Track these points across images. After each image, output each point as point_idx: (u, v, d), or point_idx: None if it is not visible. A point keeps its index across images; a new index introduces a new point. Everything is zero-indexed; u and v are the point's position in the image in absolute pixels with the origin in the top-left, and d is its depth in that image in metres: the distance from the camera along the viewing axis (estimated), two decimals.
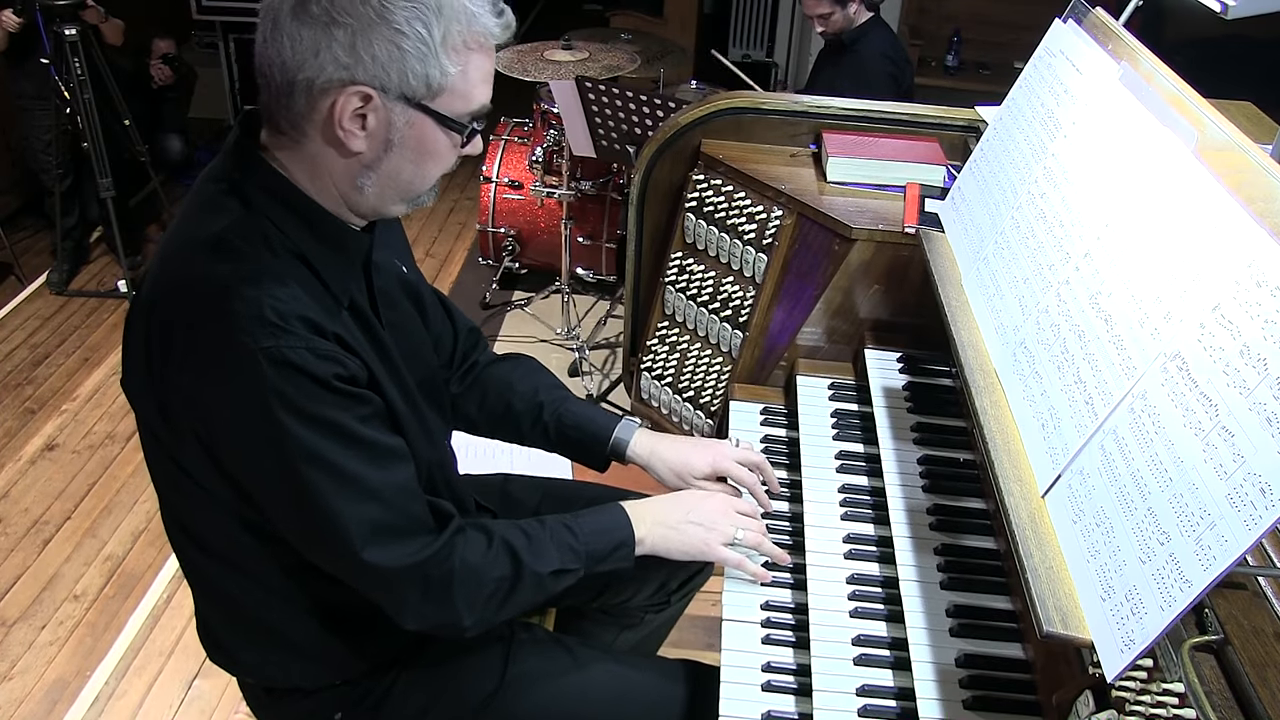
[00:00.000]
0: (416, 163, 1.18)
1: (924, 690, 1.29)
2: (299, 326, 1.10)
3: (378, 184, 1.18)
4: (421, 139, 1.16)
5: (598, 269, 4.22)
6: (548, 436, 1.61)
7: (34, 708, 2.51)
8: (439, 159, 1.19)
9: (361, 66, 1.08)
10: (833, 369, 1.94)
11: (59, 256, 4.43)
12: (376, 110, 1.11)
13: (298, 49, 1.08)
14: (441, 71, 1.11)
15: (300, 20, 1.07)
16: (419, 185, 1.21)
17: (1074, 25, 1.53)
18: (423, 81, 1.11)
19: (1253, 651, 1.01)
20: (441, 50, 1.10)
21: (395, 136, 1.14)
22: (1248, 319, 0.94)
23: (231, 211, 1.15)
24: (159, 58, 5.04)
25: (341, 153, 1.15)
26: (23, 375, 3.85)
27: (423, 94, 1.12)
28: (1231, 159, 1.11)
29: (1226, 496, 0.90)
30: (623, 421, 1.60)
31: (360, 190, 1.19)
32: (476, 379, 1.62)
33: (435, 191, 1.25)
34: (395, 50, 1.08)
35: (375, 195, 1.20)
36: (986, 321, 1.46)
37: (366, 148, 1.14)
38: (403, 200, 1.23)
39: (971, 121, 2.10)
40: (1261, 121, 1.90)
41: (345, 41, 1.07)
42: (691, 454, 1.59)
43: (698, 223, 2.09)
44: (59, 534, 3.08)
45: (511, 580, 1.30)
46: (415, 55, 1.09)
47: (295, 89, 1.11)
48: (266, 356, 1.08)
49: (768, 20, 6.52)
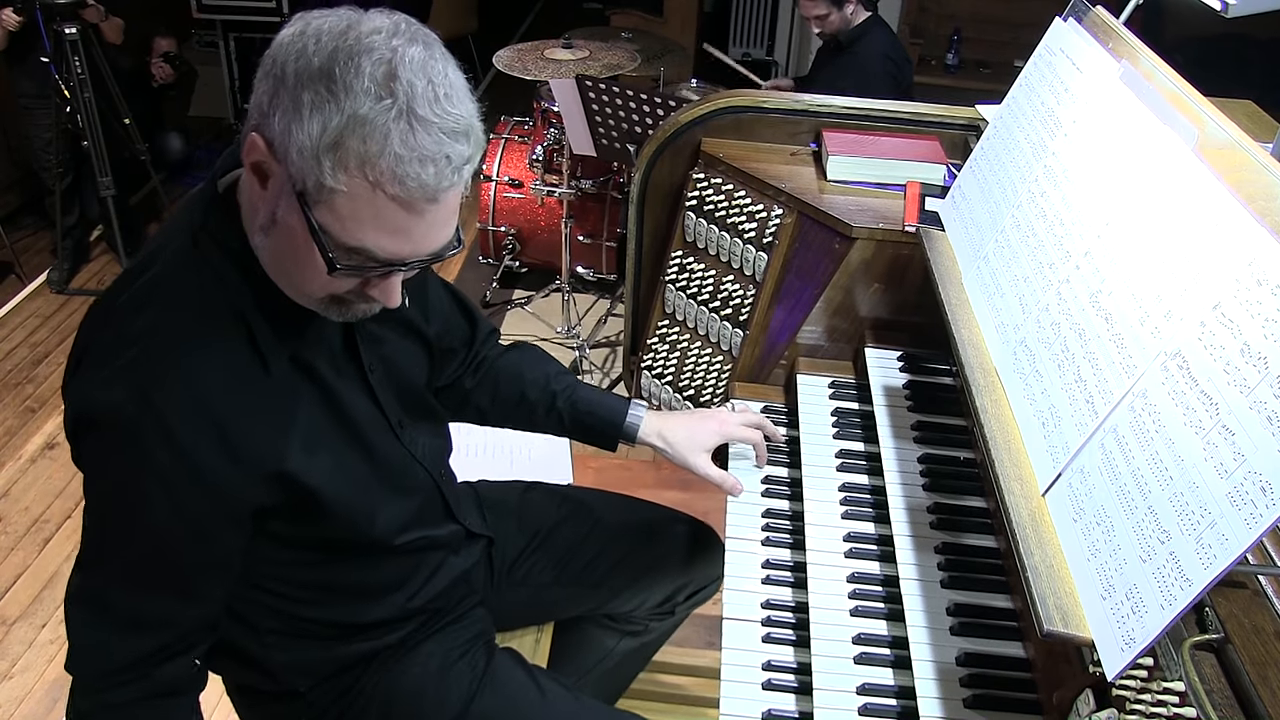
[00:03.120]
0: (291, 259, 1.06)
1: (924, 689, 1.29)
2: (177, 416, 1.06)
3: (268, 254, 1.09)
4: (292, 235, 1.03)
5: (598, 268, 4.22)
6: (562, 423, 1.62)
7: (34, 706, 2.51)
8: (308, 270, 1.05)
9: (269, 122, 0.99)
10: (833, 367, 1.94)
11: (59, 255, 4.43)
12: (273, 174, 1.02)
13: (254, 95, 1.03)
14: (319, 180, 0.97)
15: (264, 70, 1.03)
16: (300, 284, 1.09)
17: (1074, 24, 1.53)
18: (307, 178, 0.98)
19: (1253, 650, 1.01)
20: (326, 157, 0.96)
21: (279, 214, 1.03)
22: (1248, 317, 0.94)
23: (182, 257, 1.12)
24: (159, 56, 5.04)
25: (253, 199, 1.07)
26: (23, 374, 3.85)
27: (303, 189, 0.99)
28: (1232, 157, 1.11)
29: (1227, 495, 0.90)
30: (632, 405, 1.63)
31: (258, 249, 1.10)
32: (488, 372, 1.63)
33: (337, 313, 1.12)
34: (291, 128, 0.97)
35: (267, 263, 1.10)
36: (987, 320, 1.46)
37: (262, 209, 1.05)
38: (291, 291, 1.11)
39: (972, 120, 2.10)
40: (1262, 120, 1.90)
41: (269, 91, 0.99)
42: (697, 428, 1.62)
43: (698, 221, 2.09)
44: (59, 533, 3.08)
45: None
46: (298, 147, 0.97)
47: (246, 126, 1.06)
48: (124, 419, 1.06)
49: (768, 18, 6.52)
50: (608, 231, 4.12)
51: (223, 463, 1.10)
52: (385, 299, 1.10)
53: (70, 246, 4.48)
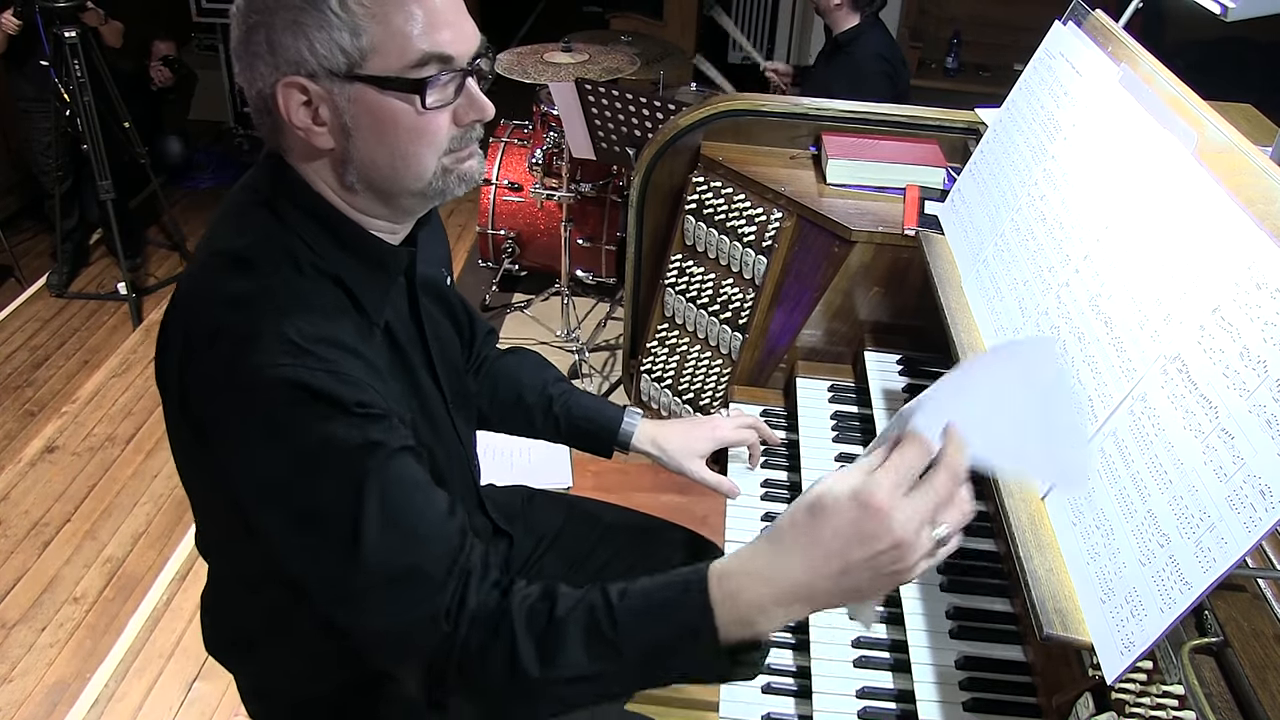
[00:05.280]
0: (384, 141, 1.08)
1: (924, 692, 1.29)
2: (323, 348, 1.03)
3: (362, 178, 1.11)
4: (374, 113, 1.06)
5: (597, 271, 4.22)
6: (558, 429, 1.62)
7: (34, 710, 2.51)
8: (407, 130, 1.08)
9: (281, 58, 1.04)
10: (832, 371, 1.94)
11: (59, 259, 4.43)
12: (321, 98, 1.05)
13: (243, 67, 1.07)
14: (353, 33, 1.03)
15: (241, 42, 1.07)
16: (407, 168, 1.10)
17: (1074, 27, 1.53)
18: (339, 51, 1.03)
19: (1253, 654, 1.01)
20: (341, 12, 1.02)
21: (348, 121, 1.07)
22: (1248, 321, 0.94)
23: (262, 226, 1.11)
24: (159, 60, 5.05)
25: (315, 154, 1.10)
26: (23, 377, 3.85)
27: (345, 64, 1.04)
28: (1231, 161, 1.11)
29: (1226, 498, 0.90)
30: (626, 412, 1.63)
31: (352, 189, 1.12)
32: (486, 374, 1.63)
33: (457, 176, 1.13)
34: (298, 28, 1.02)
35: (370, 191, 1.12)
36: (986, 324, 1.46)
37: (334, 142, 1.08)
38: (408, 191, 1.12)
39: (971, 124, 2.10)
40: (1261, 123, 1.90)
41: (264, 41, 1.04)
42: (691, 435, 1.62)
43: (697, 225, 2.09)
44: (59, 536, 3.08)
45: None
46: (316, 26, 1.02)
47: (257, 107, 1.09)
48: (283, 379, 1.00)
49: (767, 22, 6.53)
50: (607, 235, 4.12)
51: (380, 384, 1.07)
52: (481, 112, 1.11)
53: (70, 250, 4.48)
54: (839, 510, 0.89)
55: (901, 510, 0.87)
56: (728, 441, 1.67)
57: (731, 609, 0.94)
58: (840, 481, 0.89)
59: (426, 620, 1.01)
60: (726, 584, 0.95)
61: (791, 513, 0.93)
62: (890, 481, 0.88)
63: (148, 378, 3.84)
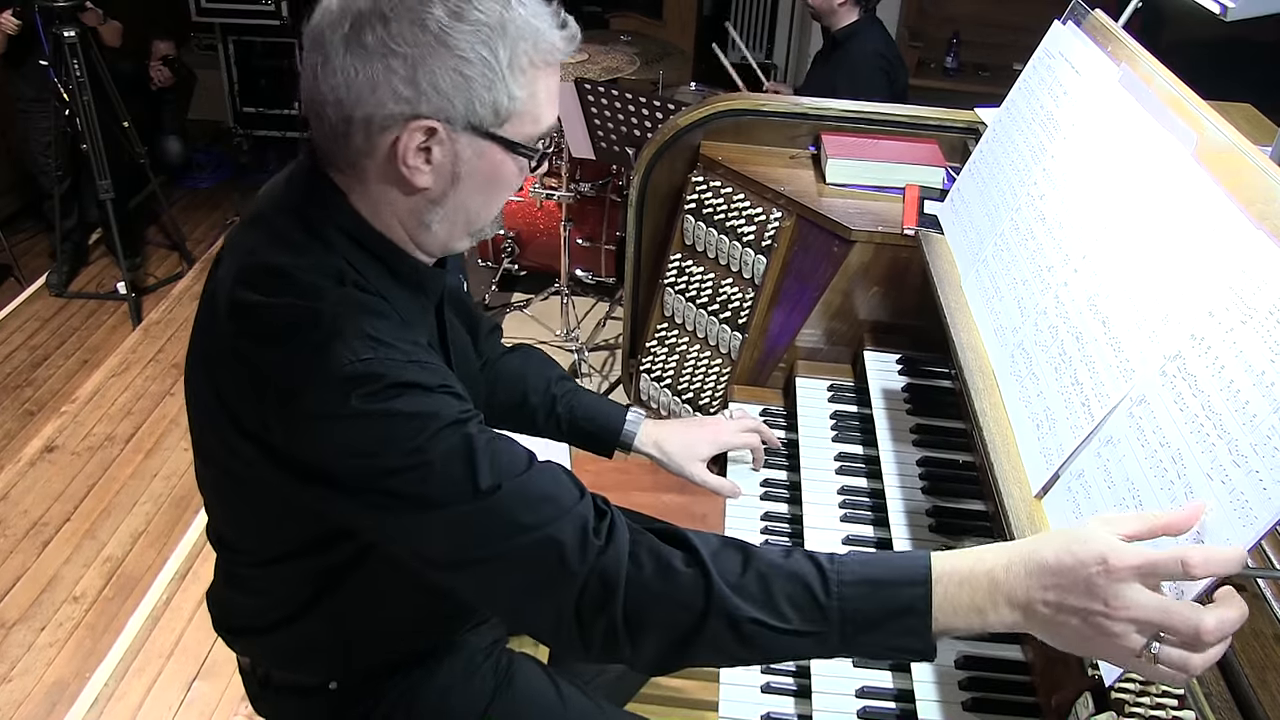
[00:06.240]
0: (485, 193, 1.12)
1: (923, 692, 1.29)
2: (403, 343, 1.06)
3: (445, 220, 1.12)
4: (491, 168, 1.09)
5: (597, 271, 4.22)
6: (560, 428, 1.63)
7: (33, 709, 2.51)
8: (507, 186, 1.13)
9: (425, 99, 1.01)
10: (832, 370, 1.94)
11: (58, 258, 4.43)
12: (442, 143, 1.05)
13: (353, 85, 1.01)
14: (510, 96, 1.04)
15: (354, 53, 1.01)
16: (486, 215, 1.15)
17: (1073, 27, 1.53)
18: (490, 109, 1.04)
19: (1252, 654, 1.01)
20: (509, 74, 1.03)
21: (463, 169, 1.08)
22: (1246, 321, 0.94)
23: (307, 248, 1.09)
24: (159, 59, 5.05)
25: (405, 190, 1.09)
26: (22, 377, 3.86)
27: (491, 121, 1.05)
28: (1230, 161, 1.11)
29: (1225, 498, 0.90)
30: (629, 413, 1.63)
31: (428, 228, 1.13)
32: (490, 372, 1.63)
33: (499, 222, 1.19)
34: (460, 78, 1.01)
35: (444, 231, 1.14)
36: (985, 323, 1.46)
37: (433, 183, 1.08)
38: (469, 234, 1.17)
39: (971, 123, 2.10)
40: (1260, 123, 1.90)
41: (405, 73, 1.00)
42: (693, 438, 1.62)
43: (697, 224, 2.09)
44: (58, 535, 3.08)
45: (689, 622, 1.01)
46: (482, 82, 1.02)
47: (353, 127, 1.04)
48: (370, 371, 1.01)
49: (767, 22, 6.52)
50: (607, 234, 4.12)
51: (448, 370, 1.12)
52: (542, 171, 1.23)
53: (69, 249, 4.48)
54: (1085, 554, 0.90)
55: (1131, 590, 0.88)
56: (730, 445, 1.67)
57: (950, 610, 0.97)
58: (1103, 531, 0.91)
59: (575, 532, 1.03)
60: (979, 564, 0.97)
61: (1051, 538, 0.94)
62: (1139, 561, 0.88)
63: (147, 377, 3.85)
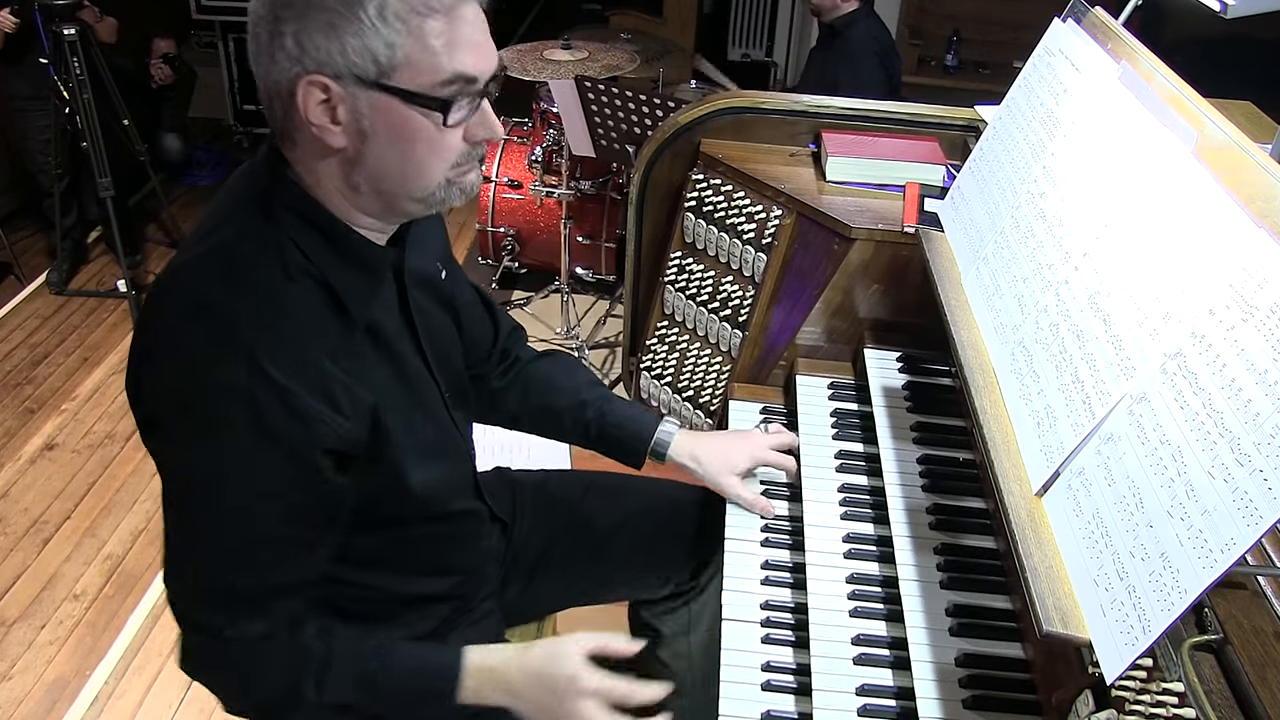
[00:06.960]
0: (398, 148, 1.11)
1: (924, 690, 1.29)
2: (284, 373, 1.09)
3: (370, 180, 1.13)
4: (393, 123, 1.09)
5: (597, 268, 4.22)
6: (588, 435, 1.62)
7: (33, 707, 2.51)
8: (423, 143, 1.11)
9: (309, 56, 1.05)
10: (832, 368, 1.94)
11: (58, 256, 4.42)
12: (342, 100, 1.07)
13: (262, 56, 1.08)
14: (387, 44, 1.04)
15: (266, 30, 1.07)
16: (417, 178, 1.14)
17: (1073, 24, 1.53)
18: (369, 59, 1.05)
19: (1252, 651, 1.01)
20: (379, 23, 1.03)
21: (366, 125, 1.09)
22: (1247, 319, 0.94)
23: (254, 223, 1.14)
24: (159, 57, 5.04)
25: (326, 151, 1.12)
26: (22, 375, 3.85)
27: (375, 72, 1.06)
28: (1231, 159, 1.11)
29: (1227, 496, 0.90)
30: (663, 422, 1.63)
31: (356, 190, 1.14)
32: (519, 375, 1.64)
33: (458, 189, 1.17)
34: (331, 30, 1.04)
35: (374, 194, 1.15)
36: (986, 321, 1.46)
37: (347, 142, 1.10)
38: (411, 198, 1.16)
39: (971, 121, 2.10)
40: (1261, 121, 1.90)
41: (292, 34, 1.05)
42: (731, 450, 1.63)
43: (697, 222, 2.09)
44: (58, 533, 3.08)
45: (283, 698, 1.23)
46: (351, 31, 1.03)
47: (271, 96, 1.10)
48: (239, 398, 1.08)
49: (767, 19, 6.52)
50: (607, 232, 4.12)
51: (329, 411, 1.14)
52: (491, 132, 1.15)
53: (69, 247, 4.47)
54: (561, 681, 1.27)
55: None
56: (766, 461, 1.66)
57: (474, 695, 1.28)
58: (573, 661, 1.27)
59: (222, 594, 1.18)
60: (480, 665, 1.29)
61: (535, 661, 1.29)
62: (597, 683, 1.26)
63: None
